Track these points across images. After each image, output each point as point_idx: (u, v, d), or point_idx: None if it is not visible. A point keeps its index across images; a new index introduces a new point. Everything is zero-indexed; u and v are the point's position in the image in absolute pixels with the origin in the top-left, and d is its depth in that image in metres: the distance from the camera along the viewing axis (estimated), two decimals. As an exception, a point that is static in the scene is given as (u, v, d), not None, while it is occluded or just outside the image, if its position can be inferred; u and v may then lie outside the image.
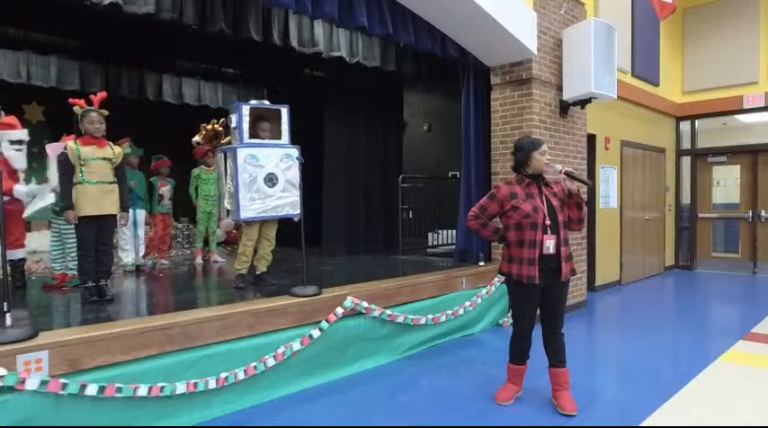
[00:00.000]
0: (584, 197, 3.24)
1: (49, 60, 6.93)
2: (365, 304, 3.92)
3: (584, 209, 3.17)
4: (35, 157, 6.64)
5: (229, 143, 4.50)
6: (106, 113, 3.85)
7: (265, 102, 4.54)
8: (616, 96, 5.73)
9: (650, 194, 8.64)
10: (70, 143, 3.72)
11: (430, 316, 4.41)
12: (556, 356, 3.16)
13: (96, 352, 2.73)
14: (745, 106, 8.39)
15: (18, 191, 3.97)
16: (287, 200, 4.22)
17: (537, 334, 3.22)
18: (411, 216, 7.14)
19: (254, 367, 3.24)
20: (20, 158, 4.13)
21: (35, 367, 2.53)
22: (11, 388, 2.39)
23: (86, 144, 3.75)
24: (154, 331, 2.95)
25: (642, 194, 8.37)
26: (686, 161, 9.49)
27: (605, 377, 3.93)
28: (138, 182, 5.71)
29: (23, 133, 4.18)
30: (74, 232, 4.10)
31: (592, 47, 5.28)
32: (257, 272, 4.48)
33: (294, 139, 4.40)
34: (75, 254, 4.21)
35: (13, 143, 4.09)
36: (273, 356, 3.34)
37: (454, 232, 6.57)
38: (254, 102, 4.37)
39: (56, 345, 2.62)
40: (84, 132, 3.77)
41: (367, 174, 7.47)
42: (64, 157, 3.70)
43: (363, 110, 7.41)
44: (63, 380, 2.51)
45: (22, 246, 4.41)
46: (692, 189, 9.41)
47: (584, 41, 5.37)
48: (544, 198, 3.09)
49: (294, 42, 5.29)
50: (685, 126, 9.45)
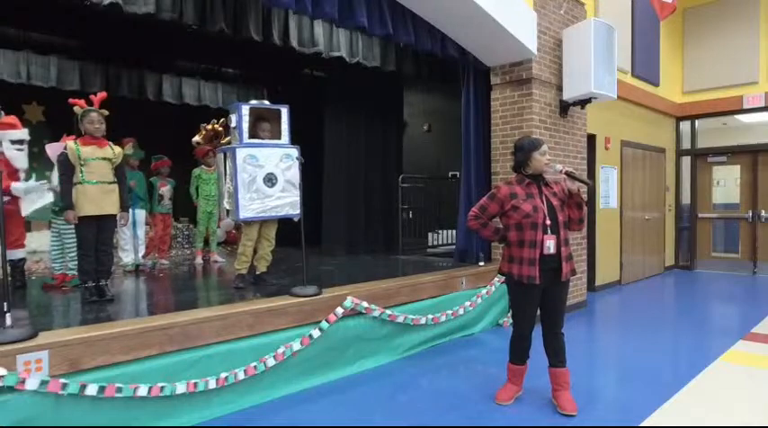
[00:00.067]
0: (585, 197, 3.24)
1: (49, 60, 6.93)
2: (365, 304, 3.92)
3: (585, 209, 3.17)
4: (35, 157, 6.64)
5: (229, 143, 4.50)
6: (106, 113, 3.86)
7: (265, 102, 4.54)
8: (616, 96, 5.74)
9: (650, 194, 8.64)
10: (70, 143, 3.73)
11: (430, 316, 4.41)
12: (556, 356, 3.17)
13: (96, 352, 2.74)
14: (745, 106, 8.39)
15: (16, 188, 3.97)
16: (286, 201, 4.21)
17: (537, 334, 3.22)
18: (411, 216, 7.14)
19: (254, 367, 3.24)
20: (21, 158, 4.13)
21: (35, 367, 2.53)
22: (11, 388, 2.39)
23: (86, 144, 3.75)
24: (154, 331, 2.95)
25: (642, 194, 8.36)
26: (686, 161, 9.49)
27: (605, 377, 3.93)
28: (138, 182, 5.71)
29: (24, 133, 4.18)
30: (73, 232, 4.10)
31: (592, 47, 5.28)
32: (257, 272, 4.48)
33: (294, 139, 4.40)
34: (75, 254, 4.22)
35: (14, 143, 4.09)
36: (273, 356, 3.34)
37: (454, 232, 6.57)
38: (253, 102, 4.37)
39: (56, 345, 2.62)
40: (84, 132, 3.78)
41: (367, 174, 7.47)
42: (64, 157, 3.70)
43: (363, 110, 7.41)
44: (63, 380, 2.51)
45: (22, 246, 4.41)
46: (692, 189, 9.41)
47: (584, 41, 5.37)
48: (544, 198, 3.09)
49: (294, 42, 5.29)
50: (685, 126, 9.45)
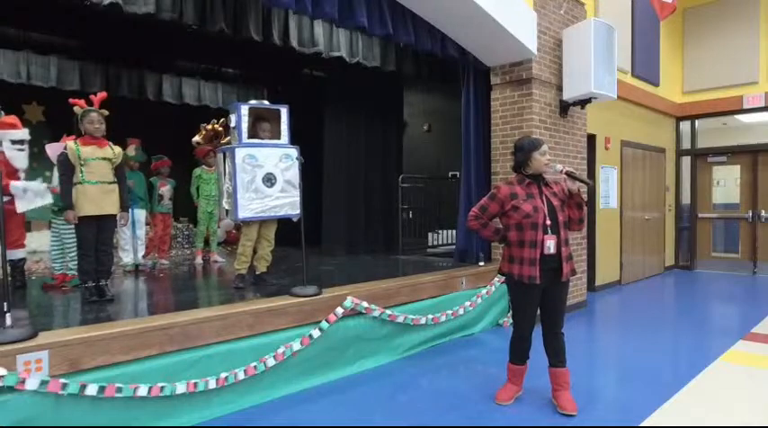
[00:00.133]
0: (585, 197, 3.24)
1: (49, 60, 6.94)
2: (365, 304, 3.92)
3: (585, 209, 3.17)
4: (35, 157, 6.64)
5: (229, 143, 4.50)
6: (106, 113, 3.86)
7: (265, 102, 4.53)
8: (616, 96, 5.73)
9: (650, 194, 8.64)
10: (70, 143, 3.73)
11: (430, 316, 4.41)
12: (556, 356, 3.16)
13: (96, 352, 2.73)
14: (745, 106, 8.39)
15: (15, 186, 3.96)
16: (286, 201, 4.21)
17: (537, 334, 3.22)
18: (411, 216, 7.14)
19: (254, 367, 3.24)
20: (21, 158, 4.13)
21: (35, 367, 2.53)
22: (11, 388, 2.39)
23: (86, 144, 3.75)
24: (154, 331, 2.95)
25: (642, 194, 8.36)
26: (686, 161, 9.49)
27: (605, 377, 3.93)
28: (138, 182, 5.71)
29: (24, 133, 4.17)
30: (73, 232, 4.10)
31: (592, 47, 5.28)
32: (257, 272, 4.48)
33: (294, 139, 4.40)
34: (75, 254, 4.22)
35: (14, 143, 4.09)
36: (273, 356, 3.34)
37: (454, 232, 6.57)
38: (253, 102, 4.37)
39: (56, 345, 2.62)
40: (84, 132, 3.78)
41: (367, 174, 7.47)
42: (64, 157, 3.70)
43: (363, 110, 7.41)
44: (63, 380, 2.51)
45: (22, 246, 4.41)
46: (692, 189, 9.41)
47: (584, 41, 5.37)
48: (544, 198, 3.09)
49: (294, 42, 5.29)
50: (685, 126, 9.45)
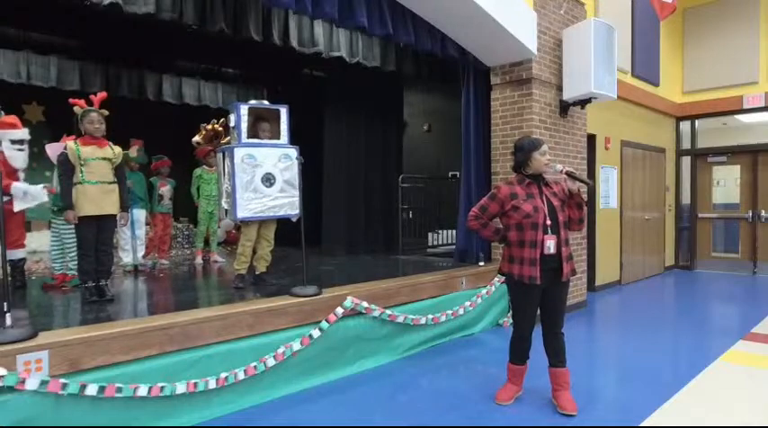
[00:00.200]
0: (585, 197, 3.24)
1: (49, 60, 6.94)
2: (365, 304, 3.92)
3: (585, 209, 3.17)
4: (35, 157, 6.65)
5: (229, 143, 4.50)
6: (106, 113, 3.86)
7: (264, 102, 4.53)
8: (616, 96, 5.73)
9: (650, 194, 8.63)
10: (70, 143, 3.73)
11: (430, 316, 4.41)
12: (556, 356, 3.16)
13: (96, 352, 2.73)
14: (745, 106, 8.39)
15: (16, 187, 3.97)
16: (285, 201, 4.21)
17: (537, 334, 3.22)
18: (411, 216, 7.14)
19: (254, 367, 3.24)
20: (21, 158, 4.14)
21: (35, 367, 2.53)
22: (11, 388, 2.39)
23: (86, 144, 3.75)
24: (154, 331, 2.95)
25: (642, 194, 8.36)
26: (686, 161, 9.49)
27: (605, 377, 3.93)
28: (138, 182, 5.71)
29: (24, 133, 4.18)
30: (73, 232, 4.10)
31: (592, 47, 5.28)
32: (257, 272, 4.48)
33: (294, 139, 4.40)
34: (75, 254, 4.21)
35: (14, 143, 4.10)
36: (273, 356, 3.34)
37: (454, 232, 6.56)
38: (253, 102, 4.37)
39: (56, 345, 2.62)
40: (84, 132, 3.78)
41: (367, 174, 7.47)
42: (64, 157, 3.70)
43: (363, 110, 7.41)
44: (63, 380, 2.51)
45: (22, 246, 4.41)
46: (692, 189, 9.40)
47: (584, 41, 5.37)
48: (544, 198, 3.09)
49: (294, 42, 5.29)
50: (685, 126, 9.45)
